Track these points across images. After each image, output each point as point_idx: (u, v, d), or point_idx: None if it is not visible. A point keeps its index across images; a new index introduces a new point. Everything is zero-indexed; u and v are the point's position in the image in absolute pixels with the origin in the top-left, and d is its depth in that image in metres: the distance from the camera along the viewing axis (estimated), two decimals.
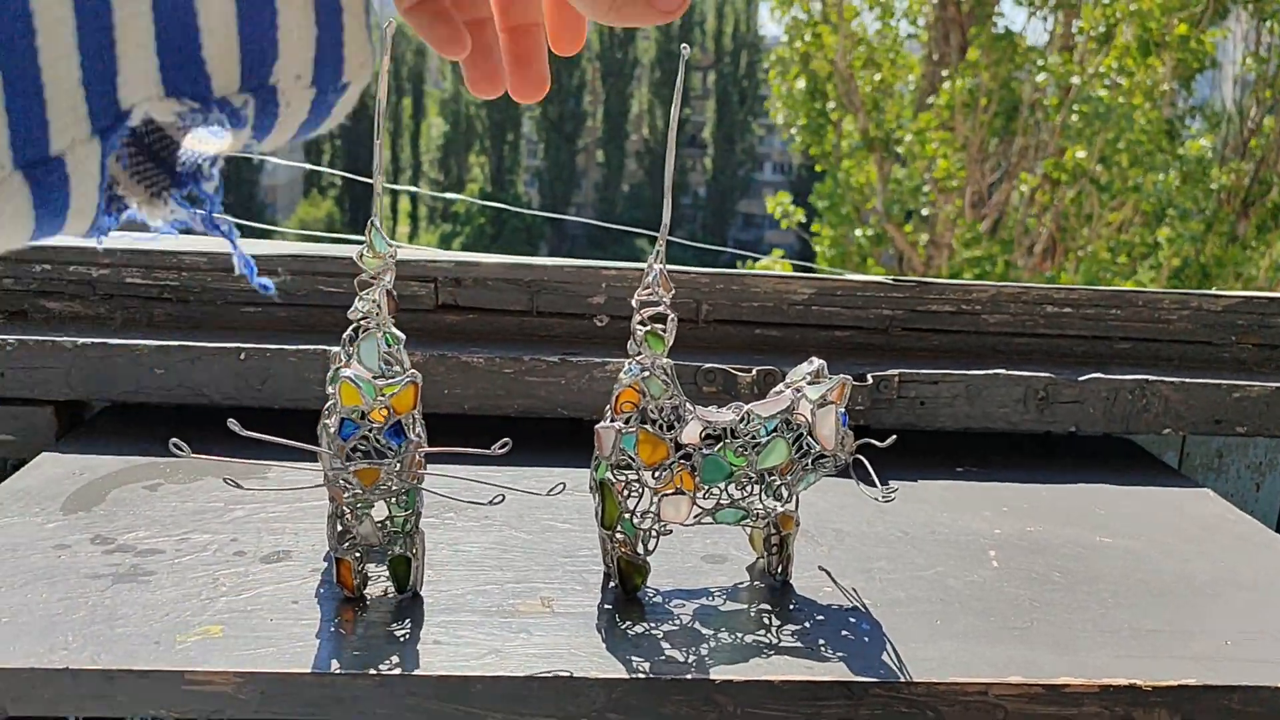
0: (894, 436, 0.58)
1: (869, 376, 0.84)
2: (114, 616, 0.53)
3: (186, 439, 0.54)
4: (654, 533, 0.58)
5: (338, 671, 0.50)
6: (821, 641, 0.55)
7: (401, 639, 0.53)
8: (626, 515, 0.57)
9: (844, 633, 0.56)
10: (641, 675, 0.51)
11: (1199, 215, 7.03)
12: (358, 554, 0.56)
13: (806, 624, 0.57)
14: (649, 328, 0.57)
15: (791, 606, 0.59)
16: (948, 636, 0.56)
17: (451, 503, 0.66)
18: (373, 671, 0.50)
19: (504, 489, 0.60)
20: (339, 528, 0.56)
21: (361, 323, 0.55)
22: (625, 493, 0.57)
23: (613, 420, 0.56)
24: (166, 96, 0.26)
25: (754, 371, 0.83)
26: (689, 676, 0.51)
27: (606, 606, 0.58)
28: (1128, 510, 0.77)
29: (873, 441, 0.58)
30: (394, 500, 0.55)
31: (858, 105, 7.88)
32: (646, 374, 0.56)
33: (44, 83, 0.24)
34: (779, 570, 0.61)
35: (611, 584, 0.60)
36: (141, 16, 0.25)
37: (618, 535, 0.57)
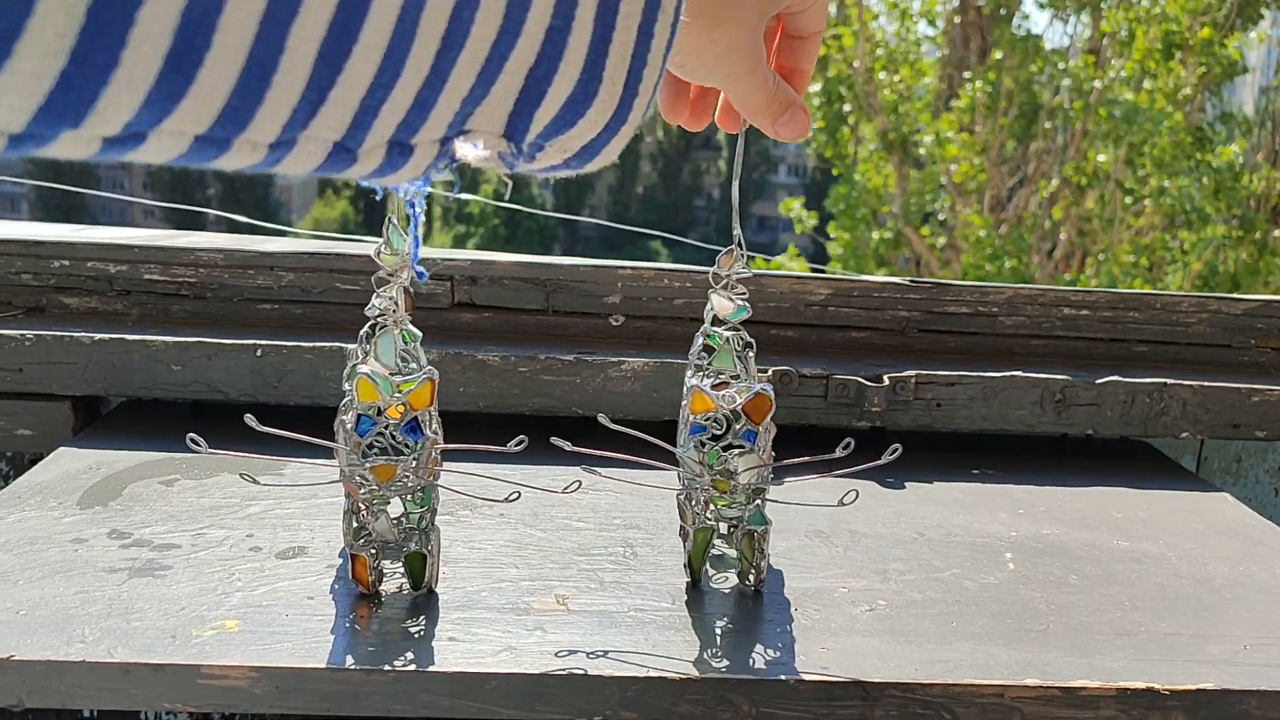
0: (897, 447, 0.57)
1: (885, 378, 0.84)
2: (130, 610, 0.54)
3: (203, 435, 0.54)
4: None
5: (352, 667, 0.50)
6: (837, 642, 0.55)
7: (416, 635, 0.53)
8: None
9: (859, 634, 0.56)
10: (656, 674, 0.51)
11: (1227, 221, 6.97)
12: (373, 550, 0.56)
13: (821, 624, 0.57)
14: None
15: (807, 607, 0.59)
16: (963, 638, 0.56)
17: (467, 500, 0.66)
18: (387, 667, 0.50)
19: (519, 486, 0.60)
20: (355, 524, 0.56)
21: (378, 319, 0.56)
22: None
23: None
24: (502, 136, 0.31)
25: (770, 372, 0.82)
26: (704, 675, 0.51)
27: (621, 605, 0.58)
28: (1145, 514, 0.76)
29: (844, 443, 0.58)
30: (410, 497, 0.55)
31: (877, 108, 7.86)
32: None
33: (446, 90, 0.29)
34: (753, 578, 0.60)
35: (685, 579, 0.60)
36: (523, 69, 0.30)
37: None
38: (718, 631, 0.55)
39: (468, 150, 0.31)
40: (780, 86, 0.49)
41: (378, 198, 0.54)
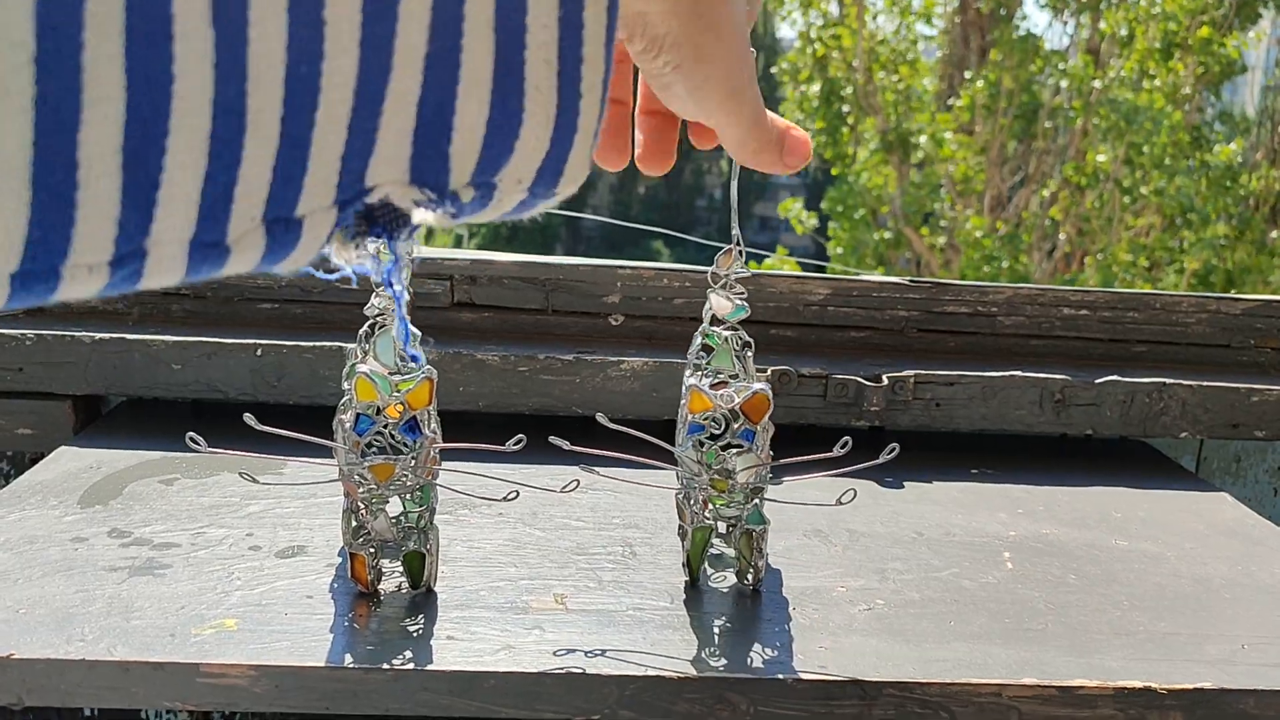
0: (895, 446, 0.57)
1: (884, 378, 0.84)
2: (130, 609, 0.54)
3: (203, 434, 0.54)
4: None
5: (351, 666, 0.50)
6: (835, 641, 0.55)
7: (415, 634, 0.53)
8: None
9: (857, 633, 0.56)
10: (654, 672, 0.51)
11: (1226, 221, 6.97)
12: (372, 549, 0.56)
13: (819, 623, 0.57)
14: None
15: (805, 606, 0.59)
16: (962, 638, 0.56)
17: (466, 499, 0.66)
18: (386, 666, 0.50)
19: (518, 486, 0.60)
20: (354, 523, 0.56)
21: (378, 319, 0.56)
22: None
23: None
24: (410, 184, 0.28)
25: (769, 371, 0.82)
26: (702, 674, 0.51)
27: (620, 604, 0.58)
28: (1144, 513, 0.76)
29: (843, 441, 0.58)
30: (409, 496, 0.56)
31: (876, 108, 7.86)
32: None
33: (312, 154, 0.26)
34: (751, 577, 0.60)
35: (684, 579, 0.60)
36: (408, 108, 0.27)
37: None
38: (716, 630, 0.56)
39: (396, 205, 0.29)
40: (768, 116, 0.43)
41: (354, 285, 0.53)
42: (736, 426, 0.56)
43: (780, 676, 0.51)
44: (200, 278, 0.26)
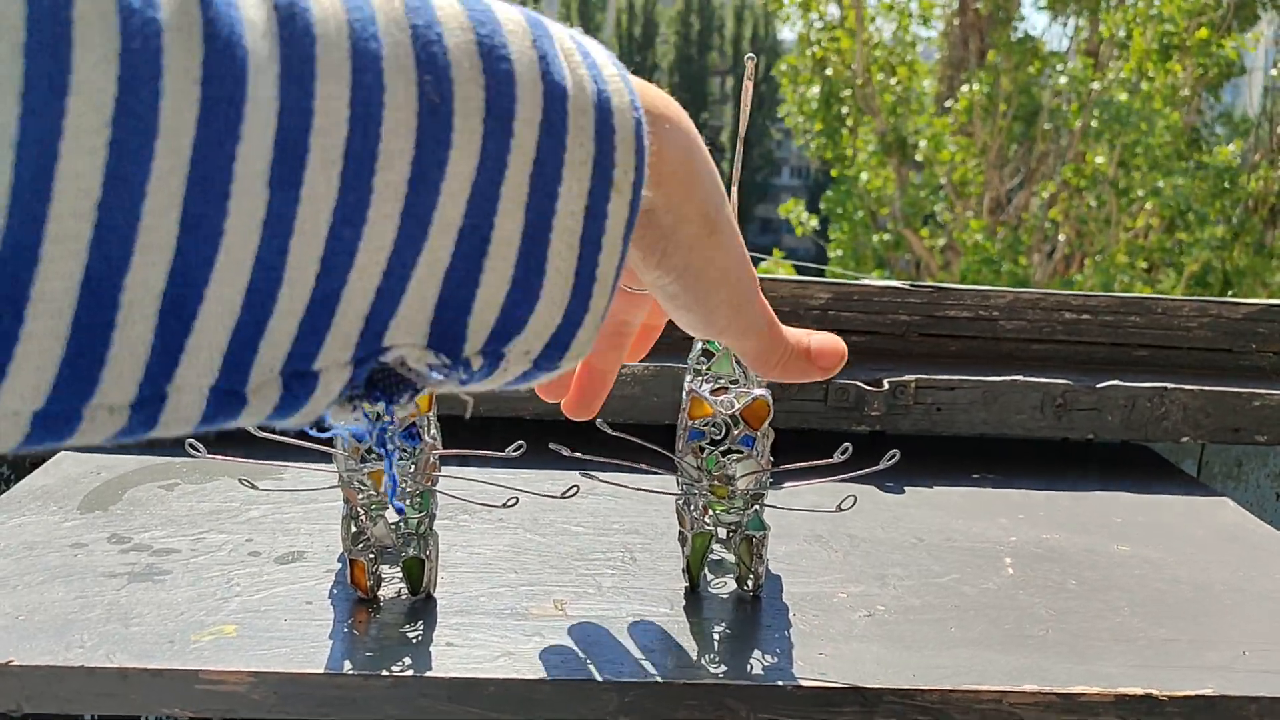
0: (895, 452, 0.57)
1: (885, 382, 0.84)
2: (129, 615, 0.54)
3: (202, 440, 0.54)
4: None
5: (350, 672, 0.50)
6: (835, 647, 0.55)
7: (414, 640, 0.53)
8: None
9: (858, 639, 0.56)
10: (654, 679, 0.51)
11: (1224, 223, 6.97)
12: (371, 555, 0.56)
13: (819, 630, 0.57)
14: None
15: (805, 612, 0.59)
16: (962, 644, 0.56)
17: (465, 505, 0.66)
18: (385, 673, 0.50)
19: (518, 492, 0.60)
20: (353, 529, 0.56)
21: None
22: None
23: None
24: (426, 348, 0.29)
25: None
26: (702, 680, 0.51)
27: (619, 610, 0.58)
28: (1145, 519, 0.76)
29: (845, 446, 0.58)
30: (408, 502, 0.56)
31: (875, 110, 7.87)
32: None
33: (339, 311, 0.26)
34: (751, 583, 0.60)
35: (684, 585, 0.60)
36: (436, 276, 0.28)
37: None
38: (716, 637, 0.55)
39: (407, 367, 0.29)
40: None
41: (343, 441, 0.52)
42: (737, 433, 0.56)
43: (780, 683, 0.51)
44: (212, 426, 0.26)
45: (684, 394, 0.58)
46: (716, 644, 0.55)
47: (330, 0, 0.25)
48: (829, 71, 7.95)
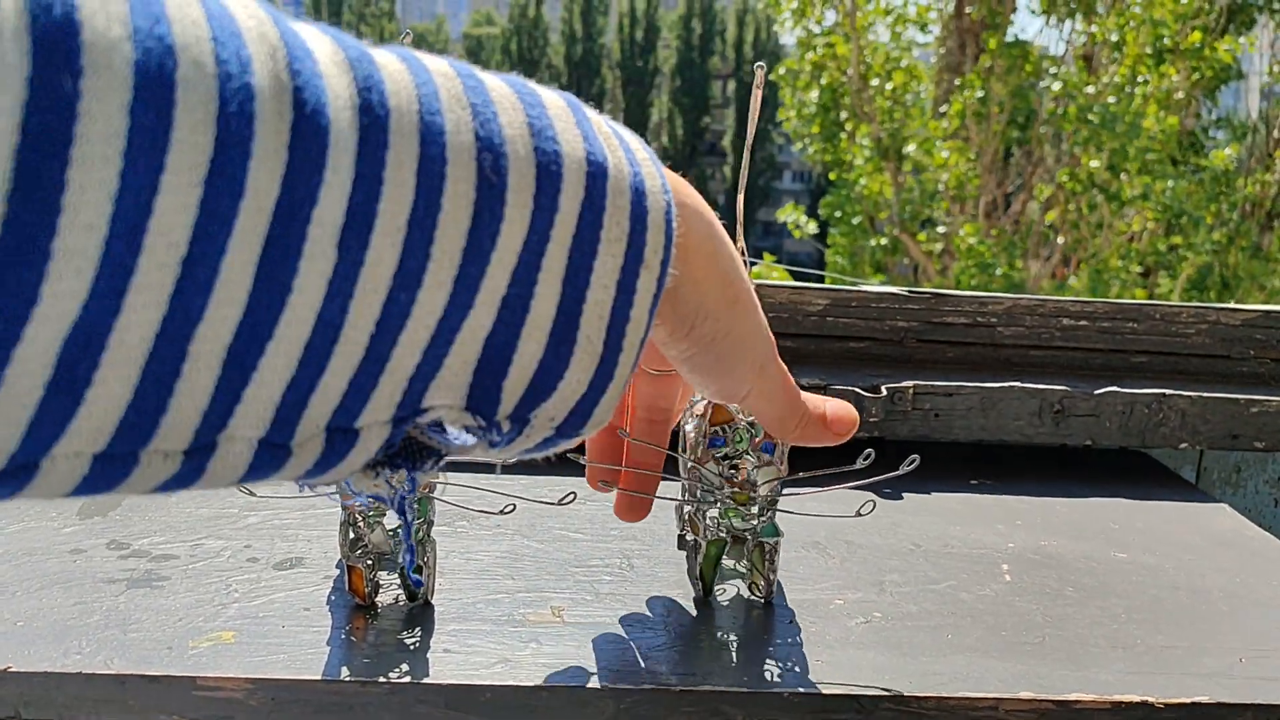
0: (915, 458, 0.57)
1: (883, 388, 0.84)
2: (127, 621, 0.54)
3: None
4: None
5: (348, 679, 0.50)
6: (832, 654, 0.55)
7: (412, 647, 0.53)
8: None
9: (854, 646, 0.56)
10: (651, 685, 0.51)
11: (1220, 227, 6.98)
12: (369, 561, 0.56)
13: (816, 636, 0.57)
14: None
15: (803, 619, 0.59)
16: (959, 651, 0.56)
17: (463, 511, 0.66)
18: (383, 679, 0.50)
19: (516, 498, 0.60)
20: (351, 535, 0.56)
21: None
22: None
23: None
24: (464, 410, 0.30)
25: None
26: (699, 687, 0.51)
27: (617, 617, 0.58)
28: (1143, 525, 0.76)
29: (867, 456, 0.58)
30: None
31: (871, 114, 7.87)
32: None
33: (386, 371, 0.28)
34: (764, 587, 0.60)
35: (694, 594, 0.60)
36: (477, 341, 0.29)
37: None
38: (713, 643, 0.56)
39: (440, 433, 0.30)
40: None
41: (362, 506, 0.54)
42: (758, 440, 0.56)
43: (777, 690, 0.51)
44: (254, 480, 0.27)
45: (694, 399, 0.58)
46: (714, 650, 0.55)
47: (399, 71, 0.26)
48: (825, 76, 7.97)
